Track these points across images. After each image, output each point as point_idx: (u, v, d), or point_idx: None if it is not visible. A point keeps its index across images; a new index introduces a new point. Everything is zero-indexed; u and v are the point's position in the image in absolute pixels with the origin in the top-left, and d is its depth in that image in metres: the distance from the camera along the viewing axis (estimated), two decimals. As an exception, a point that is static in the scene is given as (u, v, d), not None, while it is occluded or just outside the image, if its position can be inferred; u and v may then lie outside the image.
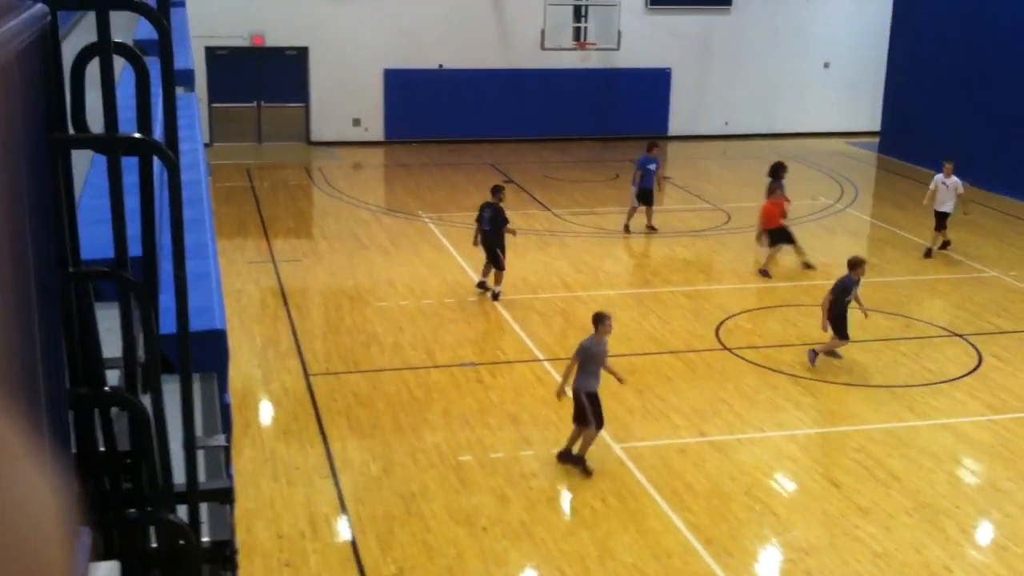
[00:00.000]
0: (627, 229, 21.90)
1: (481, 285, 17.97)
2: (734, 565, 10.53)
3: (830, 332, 15.34)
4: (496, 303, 17.56)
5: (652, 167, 21.54)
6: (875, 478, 12.26)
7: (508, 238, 17.78)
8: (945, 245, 20.96)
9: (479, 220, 17.73)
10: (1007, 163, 26.22)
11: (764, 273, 19.56)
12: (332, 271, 19.33)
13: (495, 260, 17.64)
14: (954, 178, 20.53)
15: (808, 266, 19.82)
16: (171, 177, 3.13)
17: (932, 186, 20.72)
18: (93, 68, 3.11)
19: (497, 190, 17.91)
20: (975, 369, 15.42)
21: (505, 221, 17.52)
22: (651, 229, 21.84)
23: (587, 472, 12.08)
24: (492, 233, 17.50)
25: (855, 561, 10.62)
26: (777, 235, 19.71)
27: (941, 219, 20.76)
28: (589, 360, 12.13)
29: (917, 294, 18.64)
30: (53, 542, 1.39)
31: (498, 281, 17.66)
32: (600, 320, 12.20)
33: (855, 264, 15.31)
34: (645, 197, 21.74)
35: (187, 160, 7.22)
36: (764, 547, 10.96)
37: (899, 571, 10.47)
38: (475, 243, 17.94)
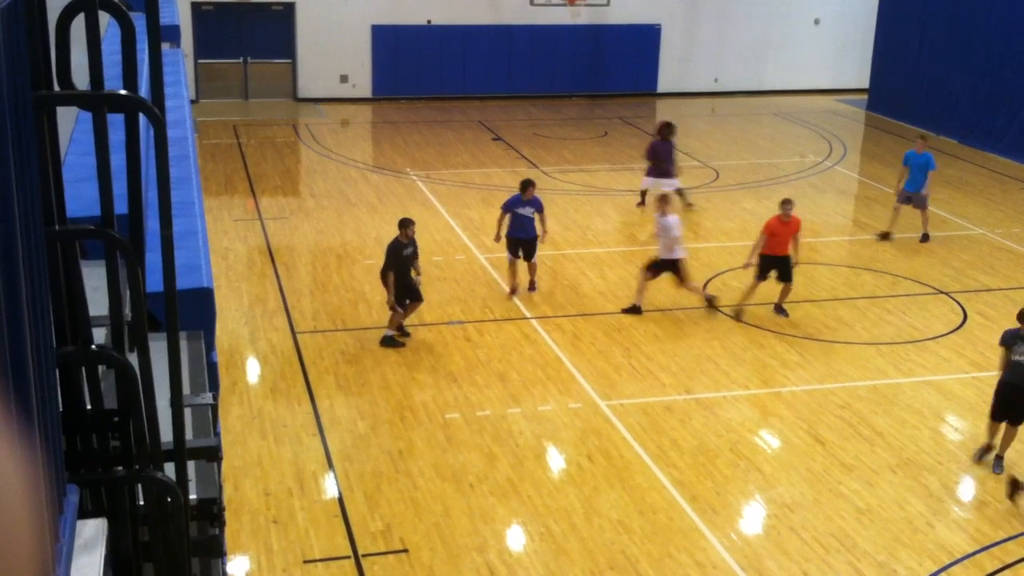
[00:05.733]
0: (513, 292, 16.17)
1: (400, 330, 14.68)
2: (719, 521, 10.62)
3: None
4: (485, 262, 17.55)
5: (526, 211, 15.87)
6: (859, 435, 12.35)
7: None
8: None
9: None
10: (995, 121, 26.23)
11: (781, 311, 15.74)
12: (320, 229, 19.29)
13: (406, 293, 14.41)
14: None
15: (781, 311, 15.72)
16: (157, 134, 3.12)
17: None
18: (78, 24, 3.09)
19: (400, 225, 14.34)
20: (960, 326, 15.50)
21: (391, 266, 14.16)
22: (531, 288, 16.27)
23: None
24: (383, 269, 14.46)
25: (839, 517, 10.72)
26: (776, 268, 15.52)
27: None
28: None
29: (903, 251, 18.69)
30: (33, 502, 1.40)
31: (391, 322, 14.55)
32: None
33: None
34: (515, 247, 15.98)
35: (173, 117, 7.19)
36: (749, 503, 11.05)
37: (882, 526, 10.58)
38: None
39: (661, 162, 20.38)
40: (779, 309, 15.76)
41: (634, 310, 15.62)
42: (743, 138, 27.57)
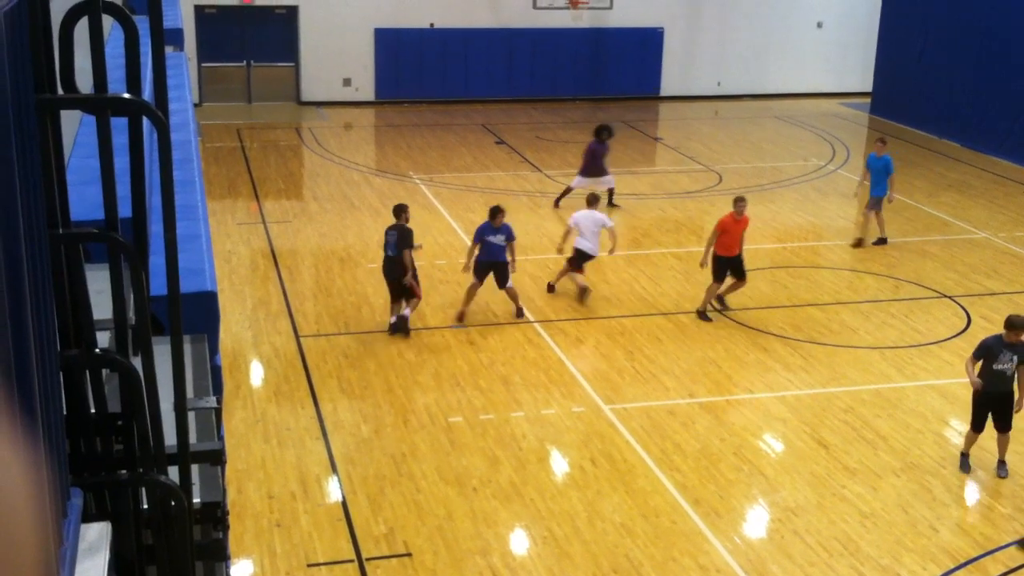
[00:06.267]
0: (460, 319, 15.44)
1: (394, 327, 14.89)
2: (722, 525, 10.60)
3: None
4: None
5: (497, 239, 15.29)
6: (863, 439, 12.33)
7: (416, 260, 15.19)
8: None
9: (384, 246, 15.00)
10: (998, 124, 26.21)
11: (702, 315, 15.61)
12: (323, 232, 19.29)
13: (403, 290, 14.82)
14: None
15: (723, 305, 15.95)
16: (161, 138, 3.12)
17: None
18: (82, 28, 3.09)
19: (400, 210, 14.91)
20: (964, 330, 15.48)
21: (410, 244, 14.72)
22: (518, 314, 15.62)
23: None
24: (397, 260, 14.68)
25: (842, 521, 10.70)
26: (731, 267, 15.64)
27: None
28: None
29: (907, 255, 18.67)
30: (37, 506, 1.40)
31: (412, 306, 14.96)
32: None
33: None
34: (483, 272, 15.41)
35: (177, 120, 7.19)
36: (752, 507, 11.03)
37: (886, 531, 10.56)
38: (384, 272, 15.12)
39: (593, 164, 20.68)
40: (720, 300, 15.92)
41: (583, 292, 16.13)
42: (746, 141, 27.56)
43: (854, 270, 18.00)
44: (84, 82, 3.23)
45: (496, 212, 15.44)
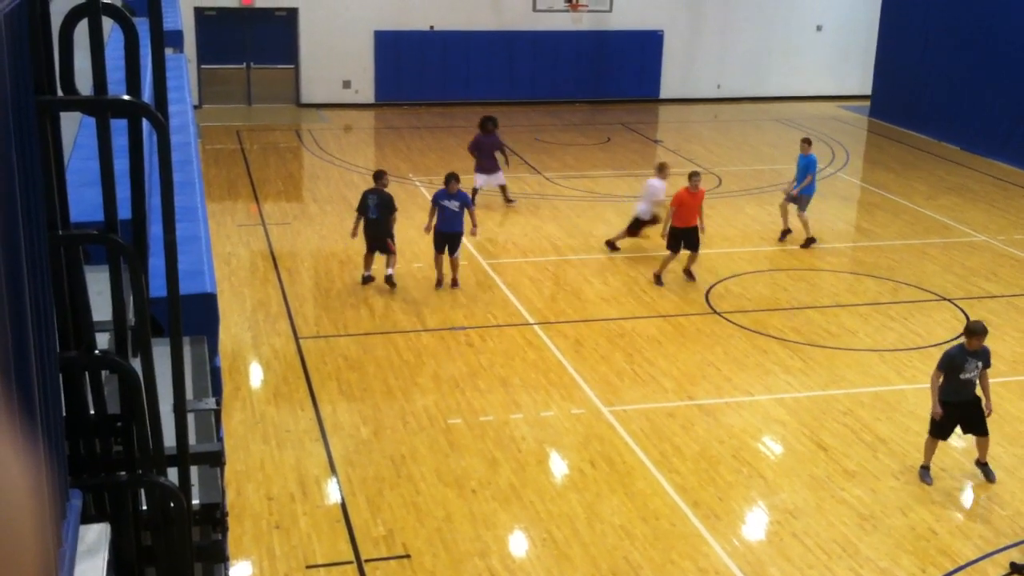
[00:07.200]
0: (439, 284, 16.72)
1: (367, 280, 16.63)
2: (721, 527, 10.61)
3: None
4: (488, 268, 17.55)
5: (452, 205, 16.38)
6: (862, 441, 12.34)
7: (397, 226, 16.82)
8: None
9: (363, 209, 16.40)
10: (998, 127, 26.22)
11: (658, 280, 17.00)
12: (322, 234, 19.29)
13: (383, 248, 16.45)
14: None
15: (689, 275, 17.17)
16: (160, 139, 3.12)
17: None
18: (82, 29, 3.09)
19: (379, 175, 16.68)
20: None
21: (394, 208, 16.46)
22: (454, 284, 16.63)
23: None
24: (381, 222, 16.34)
25: (841, 523, 10.70)
26: (684, 239, 16.94)
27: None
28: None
29: (907, 258, 18.68)
30: (36, 507, 1.41)
31: (392, 264, 16.47)
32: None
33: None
34: (441, 242, 16.49)
35: (176, 122, 7.20)
36: (751, 509, 11.03)
37: (885, 533, 10.56)
38: (353, 234, 16.78)
39: (483, 157, 20.80)
40: (688, 273, 17.17)
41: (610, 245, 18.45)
42: (746, 144, 27.57)
43: (853, 272, 18.01)
44: (84, 84, 3.24)
45: (450, 178, 16.55)
